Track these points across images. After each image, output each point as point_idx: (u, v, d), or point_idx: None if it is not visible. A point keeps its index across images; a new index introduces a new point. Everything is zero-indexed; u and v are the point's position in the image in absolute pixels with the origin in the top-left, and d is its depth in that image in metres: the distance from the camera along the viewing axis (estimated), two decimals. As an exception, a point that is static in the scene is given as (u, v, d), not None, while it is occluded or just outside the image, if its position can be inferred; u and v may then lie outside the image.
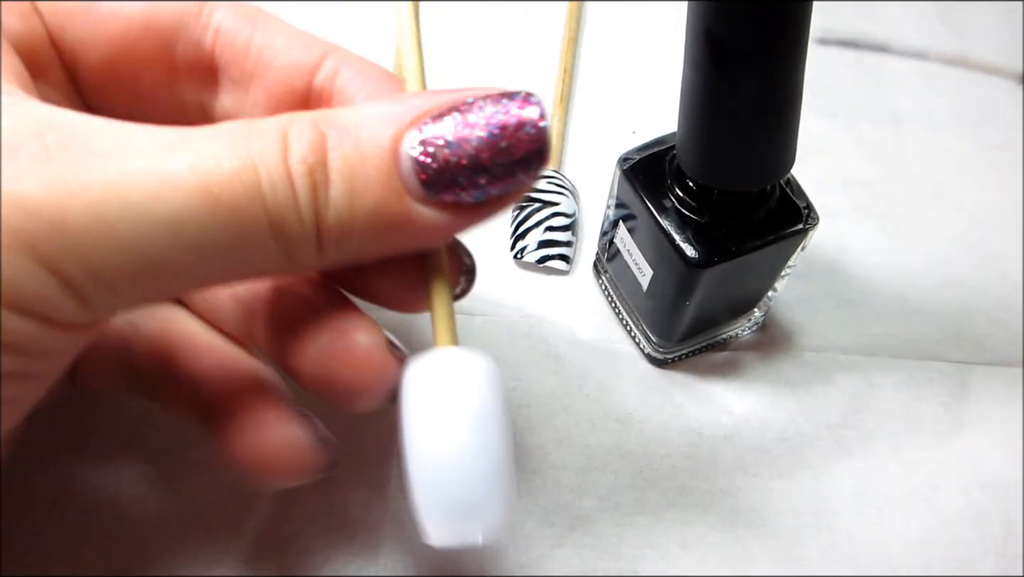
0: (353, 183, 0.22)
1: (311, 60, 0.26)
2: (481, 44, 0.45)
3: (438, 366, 0.24)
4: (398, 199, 0.22)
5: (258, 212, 0.21)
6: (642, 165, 0.32)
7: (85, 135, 0.20)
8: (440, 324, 0.25)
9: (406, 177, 0.22)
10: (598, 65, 0.45)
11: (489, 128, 0.22)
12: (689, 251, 0.30)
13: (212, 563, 0.32)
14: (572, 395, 0.36)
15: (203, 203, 0.20)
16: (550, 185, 0.39)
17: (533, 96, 0.23)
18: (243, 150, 0.21)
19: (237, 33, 0.26)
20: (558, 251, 0.38)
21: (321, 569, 0.32)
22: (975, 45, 0.47)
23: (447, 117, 0.22)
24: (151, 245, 0.20)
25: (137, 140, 0.21)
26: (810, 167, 0.41)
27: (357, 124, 0.22)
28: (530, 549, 0.33)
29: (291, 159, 0.21)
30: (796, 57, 0.26)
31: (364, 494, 0.33)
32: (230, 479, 0.33)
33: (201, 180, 0.20)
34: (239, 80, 0.26)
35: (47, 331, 0.20)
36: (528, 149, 0.22)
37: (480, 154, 0.22)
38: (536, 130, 0.22)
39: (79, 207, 0.19)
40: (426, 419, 0.24)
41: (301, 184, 0.21)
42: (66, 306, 0.20)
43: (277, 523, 0.33)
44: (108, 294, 0.21)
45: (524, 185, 0.23)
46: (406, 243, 0.24)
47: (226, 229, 0.21)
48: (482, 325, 0.37)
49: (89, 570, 0.31)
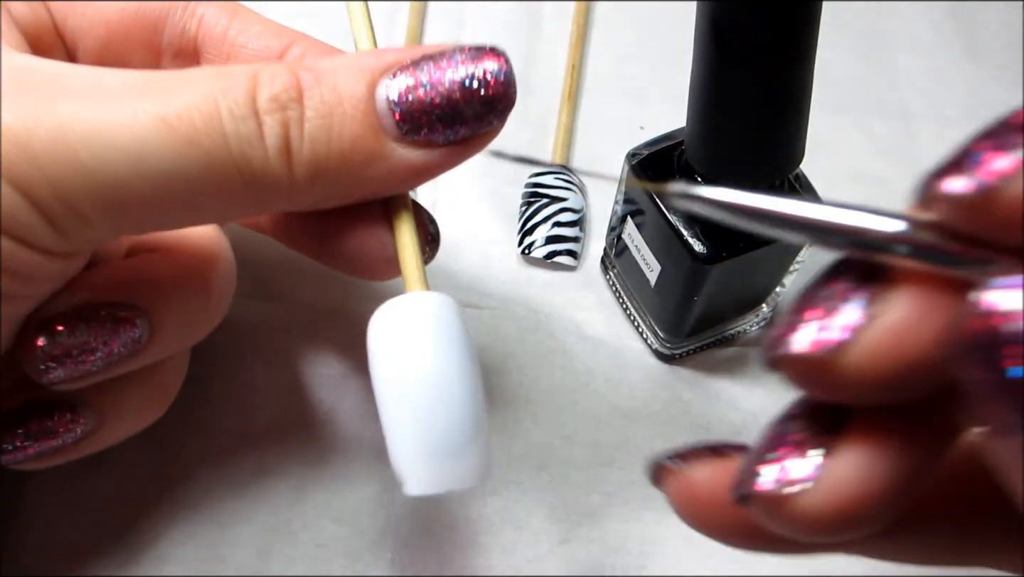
0: (331, 119, 0.23)
1: (280, 45, 0.28)
2: (489, 40, 0.45)
3: (402, 308, 0.24)
4: (375, 135, 0.24)
5: (218, 144, 0.22)
6: (651, 160, 0.32)
7: (64, 77, 0.22)
8: (409, 269, 0.25)
9: (382, 115, 0.24)
10: (606, 61, 0.45)
11: (460, 72, 0.24)
12: (697, 246, 0.30)
13: (223, 557, 0.32)
14: (579, 391, 0.36)
15: (160, 133, 0.22)
16: (558, 181, 0.39)
17: (498, 47, 0.25)
18: (206, 87, 0.22)
19: (217, 20, 0.28)
20: (566, 247, 0.38)
21: (330, 564, 0.32)
22: (985, 41, 0.47)
23: (421, 63, 0.24)
24: (112, 172, 0.21)
25: (107, 80, 0.22)
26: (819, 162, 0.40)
27: (334, 70, 0.24)
28: (537, 544, 0.33)
29: (260, 96, 0.23)
30: (805, 52, 0.26)
31: (373, 491, 0.33)
32: (242, 475, 0.33)
33: (160, 111, 0.22)
34: (215, 62, 0.28)
35: (23, 250, 0.22)
36: (496, 92, 0.24)
37: (452, 95, 0.24)
38: (504, 75, 0.25)
39: (43, 133, 0.21)
40: (396, 361, 0.24)
41: (271, 119, 0.23)
42: (38, 228, 0.22)
43: (287, 518, 0.33)
44: (77, 220, 0.22)
45: (493, 127, 0.25)
46: (381, 182, 0.24)
47: (186, 159, 0.22)
48: (489, 320, 0.37)
49: (103, 565, 0.31)
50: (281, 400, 0.35)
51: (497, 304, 0.38)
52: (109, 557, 0.32)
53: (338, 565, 0.32)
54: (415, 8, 0.45)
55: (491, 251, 0.39)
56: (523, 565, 0.32)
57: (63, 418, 0.27)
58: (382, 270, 0.27)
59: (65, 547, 0.32)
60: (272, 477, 0.33)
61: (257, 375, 0.35)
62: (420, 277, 0.25)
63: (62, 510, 0.32)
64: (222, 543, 0.32)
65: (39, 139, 0.21)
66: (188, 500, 0.32)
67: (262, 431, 0.34)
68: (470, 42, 0.25)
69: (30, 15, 0.27)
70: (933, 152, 0.49)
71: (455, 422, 0.23)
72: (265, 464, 0.34)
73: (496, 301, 0.38)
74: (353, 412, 0.35)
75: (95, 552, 0.32)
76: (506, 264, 0.39)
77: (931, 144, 0.43)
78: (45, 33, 0.27)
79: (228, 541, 0.32)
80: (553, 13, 0.46)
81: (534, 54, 0.45)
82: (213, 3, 0.28)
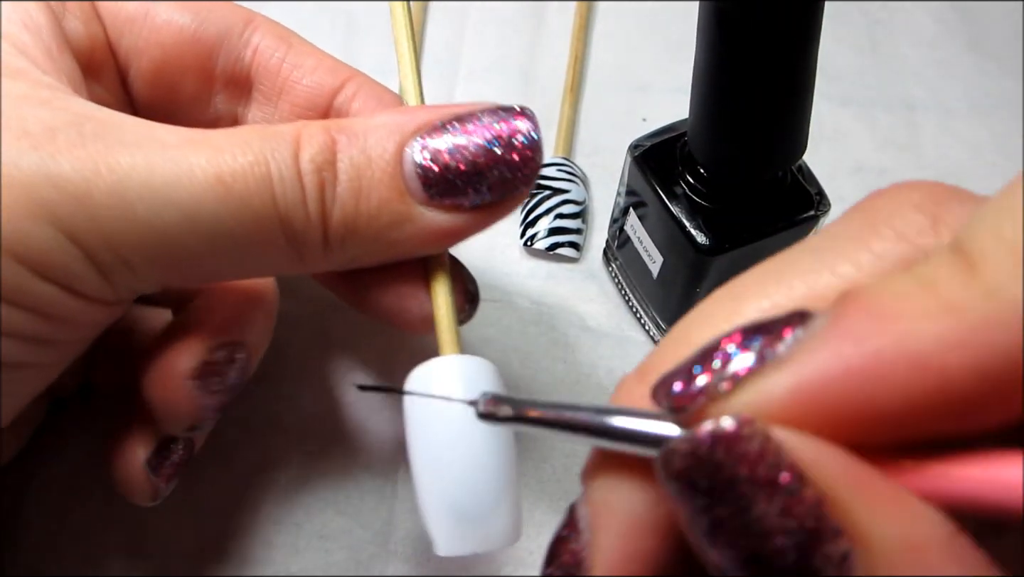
0: (359, 182, 0.24)
1: (334, 83, 0.28)
2: (493, 33, 0.45)
3: (441, 374, 0.24)
4: (401, 198, 0.24)
5: (268, 204, 0.23)
6: (653, 152, 0.32)
7: (117, 128, 0.22)
8: (443, 332, 0.26)
9: (409, 179, 0.24)
10: (609, 53, 0.45)
11: (486, 136, 0.24)
12: (700, 238, 0.30)
13: (225, 549, 0.32)
14: (582, 382, 0.36)
15: (216, 192, 0.22)
16: (560, 172, 0.39)
17: (527, 109, 0.25)
18: (257, 148, 0.23)
19: (273, 51, 0.28)
20: (568, 238, 0.38)
21: (333, 556, 0.32)
22: (988, 33, 0.47)
23: (448, 126, 0.24)
24: (167, 227, 0.22)
25: (162, 135, 0.23)
26: (822, 154, 0.40)
27: (365, 131, 0.24)
28: (540, 536, 0.33)
29: (302, 158, 0.23)
30: (808, 44, 0.26)
31: (376, 483, 0.33)
32: (245, 467, 0.33)
33: (216, 171, 0.22)
34: (269, 95, 0.28)
35: (70, 299, 0.22)
36: (522, 156, 0.24)
37: (478, 159, 0.24)
38: (530, 139, 0.25)
39: (103, 186, 0.21)
40: (427, 426, 0.24)
41: (309, 181, 0.23)
42: (88, 278, 0.22)
43: (290, 509, 0.33)
44: (126, 271, 0.22)
45: (519, 191, 0.25)
46: (409, 245, 0.25)
47: (237, 218, 0.22)
48: (492, 312, 0.37)
49: (104, 558, 0.32)
50: (286, 393, 0.35)
51: (499, 296, 0.38)
52: (111, 550, 0.32)
53: (341, 557, 0.32)
54: (418, 3, 0.45)
55: (493, 243, 0.39)
56: (525, 557, 0.32)
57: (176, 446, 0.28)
58: (419, 327, 0.27)
59: (66, 541, 0.32)
60: (276, 469, 0.33)
61: (262, 368, 0.35)
62: (453, 340, 0.26)
63: (65, 506, 0.32)
64: (226, 535, 0.32)
65: (98, 191, 0.21)
66: (191, 492, 0.33)
67: (266, 424, 0.34)
68: (500, 102, 0.25)
69: (84, 32, 0.26)
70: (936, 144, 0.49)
71: (483, 489, 0.24)
72: (269, 456, 0.34)
73: (498, 293, 0.38)
74: (356, 404, 0.35)
75: (96, 544, 0.32)
76: (508, 256, 0.39)
77: (934, 136, 0.43)
78: (98, 51, 0.27)
79: (231, 533, 0.32)
80: (556, 5, 0.46)
81: (537, 46, 0.45)
82: (269, 33, 0.28)
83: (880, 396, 0.14)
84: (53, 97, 0.23)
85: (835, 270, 0.16)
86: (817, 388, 0.14)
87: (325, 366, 0.35)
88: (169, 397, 0.25)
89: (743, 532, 0.14)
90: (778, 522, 0.14)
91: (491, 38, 0.45)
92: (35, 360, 0.23)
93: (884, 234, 0.16)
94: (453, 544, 0.24)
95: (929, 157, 0.43)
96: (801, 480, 0.14)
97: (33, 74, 0.23)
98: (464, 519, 0.24)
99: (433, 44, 0.45)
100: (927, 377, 0.14)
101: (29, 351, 0.23)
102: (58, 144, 0.21)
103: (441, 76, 0.44)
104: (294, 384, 0.35)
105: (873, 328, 0.14)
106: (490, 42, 0.45)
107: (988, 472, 0.14)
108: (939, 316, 0.14)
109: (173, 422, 0.26)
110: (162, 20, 0.27)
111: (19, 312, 0.21)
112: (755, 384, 0.15)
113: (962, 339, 0.14)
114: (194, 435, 0.26)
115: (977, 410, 0.14)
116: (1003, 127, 0.44)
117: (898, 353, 0.14)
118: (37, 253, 0.21)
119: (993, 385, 0.14)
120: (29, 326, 0.22)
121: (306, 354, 0.36)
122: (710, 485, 0.14)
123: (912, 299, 0.14)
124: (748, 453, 0.14)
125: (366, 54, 0.43)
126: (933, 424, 0.14)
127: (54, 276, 0.21)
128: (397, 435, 0.34)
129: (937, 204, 0.17)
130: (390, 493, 0.33)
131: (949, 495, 0.14)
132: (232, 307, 0.28)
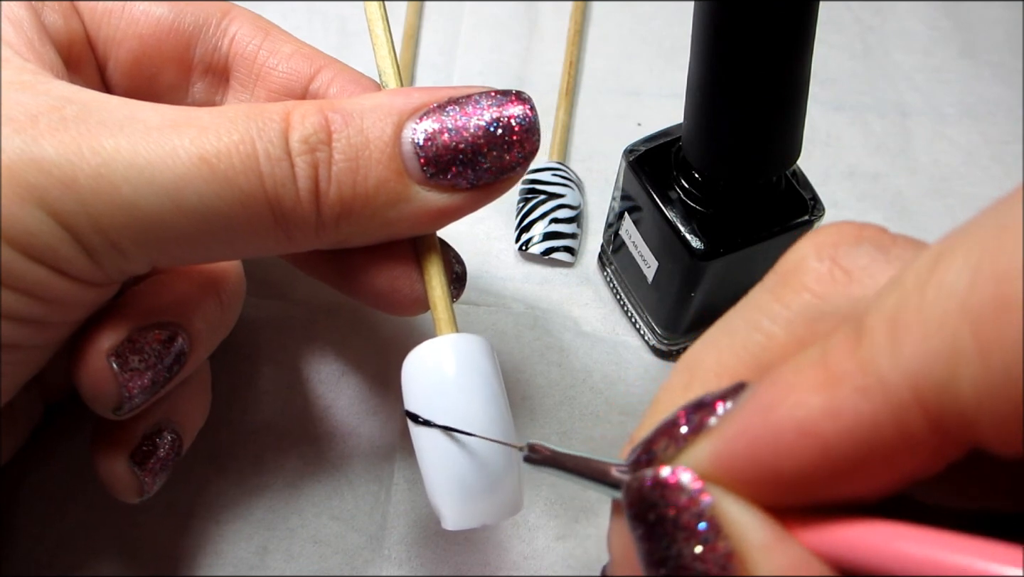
0: (357, 162, 0.24)
1: (310, 70, 0.28)
2: (487, 37, 0.45)
3: (440, 352, 0.25)
4: (399, 178, 0.24)
5: (254, 183, 0.23)
6: (648, 157, 0.32)
7: (100, 109, 0.22)
8: (440, 312, 0.26)
9: (407, 159, 0.24)
10: (603, 58, 0.45)
11: (485, 118, 0.24)
12: (694, 242, 0.30)
13: (221, 554, 0.32)
14: (576, 387, 0.36)
15: (200, 172, 0.22)
16: (555, 177, 0.39)
17: (524, 93, 0.25)
18: (243, 126, 0.23)
19: (250, 40, 0.28)
20: (563, 243, 0.38)
21: (328, 561, 0.32)
22: (982, 38, 0.47)
23: (447, 107, 0.24)
24: (152, 208, 0.22)
25: (146, 115, 0.23)
26: (816, 159, 0.40)
27: (361, 112, 0.24)
28: (534, 540, 0.33)
29: (292, 137, 0.23)
30: (803, 49, 0.26)
31: (370, 488, 0.33)
32: (239, 471, 0.33)
33: (200, 151, 0.22)
34: (245, 81, 0.28)
35: (61, 280, 0.22)
36: (520, 138, 0.25)
37: (476, 140, 0.24)
38: (528, 121, 0.25)
39: (87, 169, 0.21)
40: (429, 405, 0.24)
41: (301, 161, 0.23)
42: (78, 260, 0.22)
43: (285, 515, 0.33)
44: (115, 253, 0.23)
45: (516, 172, 0.25)
46: (405, 224, 0.25)
47: (223, 198, 0.22)
48: (487, 317, 0.37)
49: (97, 561, 0.31)
50: (279, 397, 0.35)
51: (494, 300, 0.38)
52: (106, 554, 0.32)
53: (336, 562, 0.32)
54: (412, 6, 0.45)
55: (488, 247, 0.39)
56: (520, 561, 0.32)
57: (163, 440, 0.28)
58: (409, 308, 0.27)
59: (62, 546, 0.32)
60: (270, 474, 0.33)
61: (254, 372, 0.35)
62: (450, 319, 0.26)
63: (58, 509, 0.32)
64: (220, 539, 0.32)
65: (83, 174, 0.21)
66: (185, 497, 0.32)
67: (259, 428, 0.34)
68: (496, 86, 0.25)
69: (63, 23, 0.26)
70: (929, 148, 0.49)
71: (487, 462, 0.24)
72: (263, 461, 0.34)
73: (493, 297, 0.38)
74: (351, 409, 0.35)
75: (88, 548, 0.32)
76: (503, 260, 0.39)
77: (927, 140, 0.43)
78: (77, 42, 0.27)
79: (226, 538, 0.32)
80: (550, 10, 0.46)
81: (531, 51, 0.45)
82: (247, 22, 0.28)
83: (777, 461, 0.16)
84: (35, 81, 0.23)
85: (760, 328, 0.18)
86: (730, 453, 0.17)
87: (318, 370, 0.35)
88: (89, 374, 0.25)
89: (666, 564, 0.17)
90: (692, 563, 0.16)
91: (485, 42, 0.45)
92: (27, 341, 0.23)
93: (792, 286, 0.18)
94: (461, 518, 0.25)
95: (922, 162, 0.43)
96: (717, 532, 0.16)
97: (15, 61, 0.23)
98: (472, 494, 0.24)
99: (427, 48, 0.45)
100: (811, 444, 0.16)
101: (21, 332, 0.23)
102: (40, 128, 0.21)
103: (435, 80, 0.44)
104: (286, 388, 0.35)
105: (773, 400, 0.16)
106: (484, 46, 0.45)
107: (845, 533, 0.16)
108: (822, 388, 0.16)
109: (95, 400, 0.26)
110: (139, 11, 0.27)
111: (11, 294, 0.22)
112: (689, 449, 0.17)
113: (836, 409, 0.15)
114: (122, 416, 0.26)
115: (862, 474, 0.16)
116: (996, 132, 0.44)
117: (787, 422, 0.16)
118: (27, 236, 0.21)
119: (868, 451, 0.15)
120: (21, 307, 0.22)
121: (299, 358, 0.36)
122: (647, 520, 0.17)
123: (806, 373, 0.16)
124: (678, 500, 0.17)
125: (358, 58, 0.43)
126: (828, 486, 0.16)
127: (44, 258, 0.22)
128: (391, 439, 0.34)
129: (835, 248, 0.18)
130: (384, 497, 0.33)
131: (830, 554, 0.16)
132: (177, 291, 0.27)
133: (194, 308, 0.27)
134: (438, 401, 0.24)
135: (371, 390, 0.35)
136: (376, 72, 0.27)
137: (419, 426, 0.24)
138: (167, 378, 0.26)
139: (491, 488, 0.24)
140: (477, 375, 0.25)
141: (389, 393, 0.35)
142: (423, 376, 0.25)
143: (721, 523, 0.16)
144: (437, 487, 0.24)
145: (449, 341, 0.25)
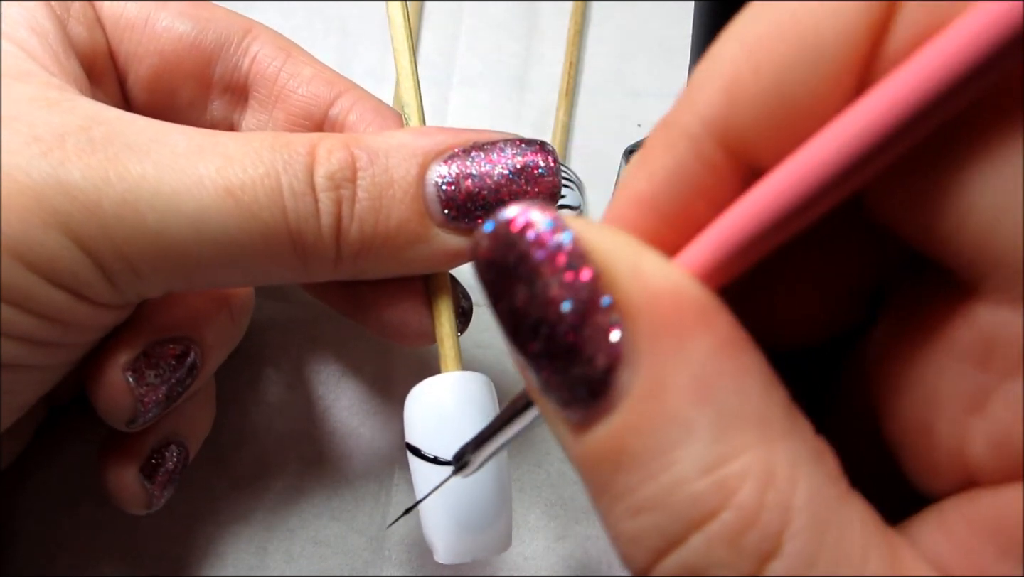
0: (380, 201, 0.24)
1: (330, 94, 0.28)
2: (487, 38, 0.45)
3: (441, 390, 0.25)
4: (420, 219, 0.24)
5: (277, 217, 0.23)
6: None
7: (127, 131, 0.22)
8: (447, 349, 0.26)
9: (430, 201, 0.24)
10: (603, 59, 0.45)
11: (509, 166, 0.25)
12: (694, 244, 0.30)
13: (221, 555, 0.32)
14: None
15: (225, 203, 0.22)
16: (555, 178, 0.39)
17: (548, 144, 0.26)
18: (268, 159, 0.23)
19: (271, 61, 0.28)
20: (563, 244, 0.38)
21: (328, 561, 0.32)
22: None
23: (472, 153, 0.25)
24: (175, 236, 0.22)
25: (173, 139, 0.23)
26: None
27: (387, 150, 0.24)
28: (534, 542, 0.33)
29: (317, 172, 0.23)
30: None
31: (370, 489, 0.33)
32: (239, 472, 0.33)
33: (226, 183, 0.22)
34: (265, 102, 0.28)
35: (78, 304, 0.22)
36: (542, 189, 0.25)
37: (499, 188, 0.25)
38: (550, 173, 0.25)
39: (113, 195, 0.21)
40: (429, 440, 0.25)
41: (325, 197, 0.23)
42: (96, 284, 0.22)
43: (285, 516, 0.33)
44: (134, 278, 0.22)
45: None
46: (421, 263, 0.25)
47: (246, 230, 0.22)
48: (488, 318, 0.37)
49: (97, 561, 0.31)
50: (279, 398, 0.35)
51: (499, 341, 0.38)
52: (107, 555, 0.32)
53: (336, 563, 0.32)
54: (413, 6, 0.45)
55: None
56: (520, 562, 0.32)
57: (171, 453, 0.28)
58: (416, 341, 0.27)
59: (62, 546, 0.32)
60: (270, 475, 0.33)
61: (255, 373, 0.35)
62: (455, 357, 0.26)
63: (59, 510, 0.32)
64: (220, 540, 0.32)
65: (108, 200, 0.21)
66: (186, 498, 0.33)
67: (260, 428, 0.34)
68: (520, 135, 0.26)
69: (87, 35, 0.26)
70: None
71: (482, 501, 0.25)
72: (263, 462, 0.34)
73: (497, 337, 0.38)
74: (351, 410, 0.35)
75: (89, 551, 0.32)
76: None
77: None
78: (100, 55, 0.27)
79: (226, 539, 0.32)
80: (550, 10, 0.46)
81: (531, 52, 0.45)
82: (268, 42, 0.28)
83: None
84: (62, 98, 0.23)
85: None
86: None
87: (319, 372, 0.35)
88: (105, 387, 0.25)
89: (531, 301, 0.16)
90: (559, 292, 0.15)
91: (485, 43, 0.45)
92: (41, 362, 0.24)
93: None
94: (454, 553, 0.25)
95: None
96: (581, 258, 0.15)
97: (41, 76, 0.23)
98: (465, 530, 0.25)
99: (427, 49, 0.45)
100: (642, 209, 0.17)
101: (35, 354, 0.23)
102: (67, 151, 0.21)
103: (435, 81, 0.44)
104: (287, 390, 0.35)
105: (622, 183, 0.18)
106: (484, 47, 0.45)
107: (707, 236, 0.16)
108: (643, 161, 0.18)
109: (111, 413, 0.26)
110: (162, 27, 0.27)
111: (27, 316, 0.22)
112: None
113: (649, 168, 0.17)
114: (135, 428, 0.26)
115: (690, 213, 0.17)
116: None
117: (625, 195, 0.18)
118: (47, 260, 0.21)
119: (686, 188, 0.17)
120: (37, 330, 0.22)
121: (300, 359, 0.36)
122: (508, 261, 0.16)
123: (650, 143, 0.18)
124: (539, 235, 0.16)
125: (359, 60, 0.43)
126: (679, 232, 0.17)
127: (63, 282, 0.22)
128: (391, 441, 0.34)
129: None
130: (384, 499, 0.33)
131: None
132: (190, 305, 0.27)
133: (206, 323, 0.28)
134: (436, 437, 0.25)
135: (371, 391, 0.35)
136: (391, 97, 0.28)
137: (417, 459, 0.25)
138: (180, 392, 0.27)
139: (484, 525, 0.25)
140: (477, 413, 0.25)
141: (389, 394, 0.35)
142: (423, 411, 0.25)
143: (584, 249, 0.16)
144: (431, 521, 0.25)
145: (451, 379, 0.26)
